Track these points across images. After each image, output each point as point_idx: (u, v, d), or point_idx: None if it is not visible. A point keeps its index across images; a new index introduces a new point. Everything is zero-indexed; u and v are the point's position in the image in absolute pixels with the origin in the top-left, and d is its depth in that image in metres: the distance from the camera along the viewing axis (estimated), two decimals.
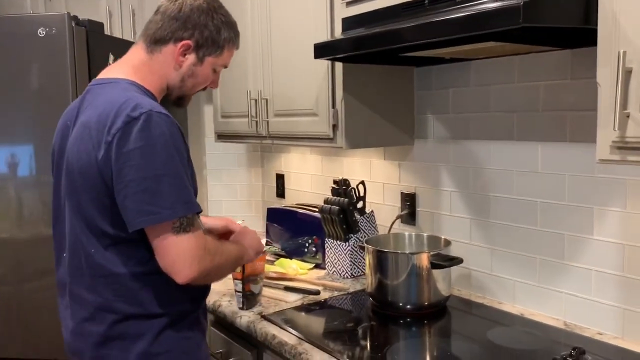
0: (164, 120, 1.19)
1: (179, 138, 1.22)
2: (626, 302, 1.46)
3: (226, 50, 1.41)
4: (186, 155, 1.25)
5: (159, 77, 1.35)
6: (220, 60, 1.41)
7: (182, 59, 1.34)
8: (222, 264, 1.30)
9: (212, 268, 1.24)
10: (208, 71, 1.40)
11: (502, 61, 1.71)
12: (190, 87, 1.40)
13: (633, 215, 1.43)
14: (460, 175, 1.88)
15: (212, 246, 1.26)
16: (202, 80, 1.40)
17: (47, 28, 2.03)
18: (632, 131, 1.06)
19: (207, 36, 1.35)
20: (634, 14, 1.04)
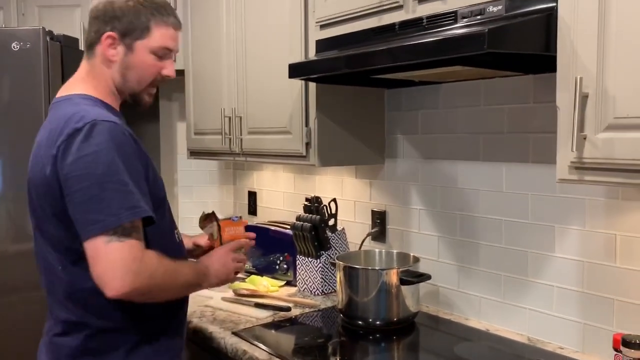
0: (107, 128, 1.17)
1: (126, 144, 1.19)
2: (586, 317, 1.52)
3: (156, 30, 1.32)
4: (139, 161, 1.22)
5: (103, 81, 1.33)
6: (154, 42, 1.32)
7: (113, 53, 1.31)
8: (168, 283, 1.23)
9: (151, 286, 1.18)
10: (144, 57, 1.32)
11: (468, 85, 1.78)
12: (137, 81, 1.34)
13: (591, 234, 1.50)
14: (429, 194, 1.93)
15: (153, 262, 1.19)
16: (144, 69, 1.33)
17: (22, 42, 2.02)
18: (589, 152, 1.13)
19: (127, 22, 1.29)
20: (589, 44, 1.12)
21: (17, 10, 2.67)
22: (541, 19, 1.19)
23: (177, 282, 1.27)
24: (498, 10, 1.27)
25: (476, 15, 1.31)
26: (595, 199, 1.48)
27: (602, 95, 1.10)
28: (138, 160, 1.22)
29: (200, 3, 2.44)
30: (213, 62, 2.36)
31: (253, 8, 2.11)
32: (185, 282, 1.30)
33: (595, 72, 1.11)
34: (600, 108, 1.10)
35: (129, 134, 1.23)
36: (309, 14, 1.84)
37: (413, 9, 1.48)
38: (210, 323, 1.77)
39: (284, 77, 1.82)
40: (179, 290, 1.31)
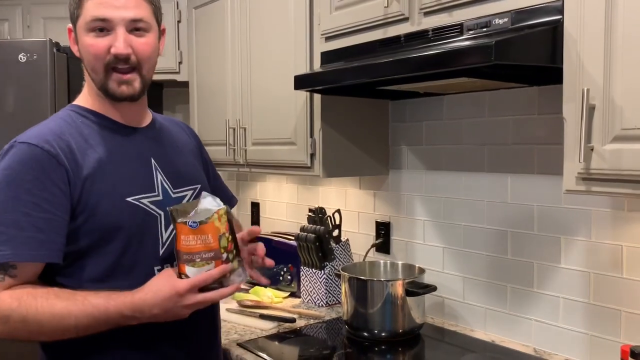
0: (17, 153, 1.08)
1: (29, 169, 1.06)
2: (593, 329, 1.51)
3: (85, 6, 1.14)
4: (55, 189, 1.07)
5: (88, 83, 1.23)
6: (84, 18, 1.15)
7: (75, 48, 1.21)
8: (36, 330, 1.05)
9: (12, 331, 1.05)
10: (83, 39, 1.16)
11: (473, 96, 1.79)
12: (92, 69, 1.17)
13: (598, 245, 1.50)
14: (433, 205, 1.93)
15: (4, 306, 1.04)
16: (88, 52, 1.16)
17: (29, 54, 2.04)
18: (596, 163, 1.13)
19: (71, 10, 1.18)
20: (596, 55, 1.12)
21: (23, 22, 2.69)
22: (547, 31, 1.20)
23: (55, 327, 1.06)
24: (504, 22, 1.28)
25: (482, 27, 1.32)
26: (601, 210, 1.48)
27: (609, 106, 1.11)
28: (48, 190, 1.07)
29: (205, 14, 2.46)
30: (218, 74, 2.37)
31: (258, 19, 2.13)
32: (74, 326, 1.06)
33: (601, 84, 1.12)
34: (607, 119, 1.11)
35: (51, 157, 1.08)
36: (314, 26, 1.86)
37: (419, 21, 1.49)
38: None
39: (288, 89, 1.83)
40: (63, 327, 1.06)
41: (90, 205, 1.11)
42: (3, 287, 1.06)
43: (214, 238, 1.13)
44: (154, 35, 1.21)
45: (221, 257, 1.13)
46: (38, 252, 1.07)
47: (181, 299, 1.08)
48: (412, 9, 1.50)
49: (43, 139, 1.10)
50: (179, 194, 1.26)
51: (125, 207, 1.15)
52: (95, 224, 1.11)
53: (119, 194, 1.15)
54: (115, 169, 1.16)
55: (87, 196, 1.11)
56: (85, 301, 1.06)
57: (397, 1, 1.53)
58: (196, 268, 1.11)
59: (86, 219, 1.11)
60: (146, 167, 1.23)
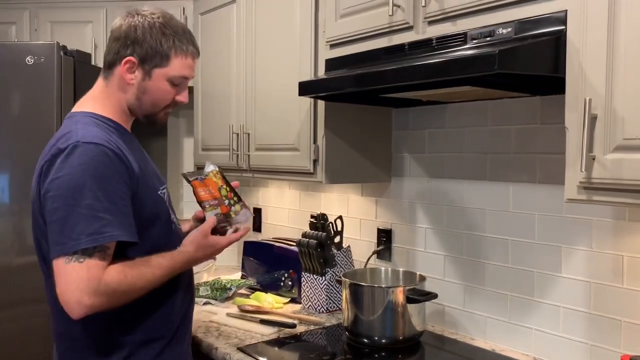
0: (89, 150, 1.20)
1: (106, 166, 1.21)
2: (593, 339, 1.51)
3: (175, 59, 1.34)
4: (124, 183, 1.24)
5: (116, 101, 1.36)
6: (172, 71, 1.34)
7: (130, 77, 1.33)
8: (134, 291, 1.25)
9: (114, 301, 1.22)
10: (161, 85, 1.35)
11: (475, 105, 1.80)
12: (151, 105, 1.37)
13: (598, 254, 1.50)
14: (435, 212, 1.94)
15: (114, 279, 1.20)
16: (159, 95, 1.36)
17: (36, 57, 2.06)
18: (598, 173, 1.14)
19: (147, 48, 1.31)
20: (598, 66, 1.14)
21: (30, 25, 2.71)
22: (550, 41, 1.21)
23: (146, 287, 1.28)
24: (507, 32, 1.30)
25: (486, 37, 1.34)
26: (602, 219, 1.49)
27: (611, 116, 1.12)
28: (121, 182, 1.23)
29: (211, 20, 2.48)
30: (222, 79, 2.39)
31: (264, 26, 2.14)
32: (157, 282, 1.30)
33: (604, 94, 1.13)
34: (609, 129, 1.12)
35: (116, 155, 1.24)
36: (319, 34, 1.88)
37: (423, 30, 1.50)
38: (215, 338, 1.77)
39: (293, 95, 1.85)
40: (151, 286, 1.29)
41: (140, 197, 1.29)
42: (106, 266, 1.20)
43: (214, 189, 1.45)
44: None
45: (224, 203, 1.46)
46: (129, 233, 1.24)
47: (205, 239, 1.39)
48: (417, 18, 1.52)
49: (104, 139, 1.25)
50: (163, 190, 1.44)
51: (159, 199, 1.37)
52: (144, 213, 1.30)
53: (154, 187, 1.36)
54: (144, 167, 1.35)
55: (139, 189, 1.29)
56: (161, 265, 1.30)
57: (401, 10, 1.55)
58: (207, 212, 1.46)
59: (138, 209, 1.28)
60: (152, 165, 1.44)
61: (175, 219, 1.46)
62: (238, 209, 1.48)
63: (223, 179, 1.47)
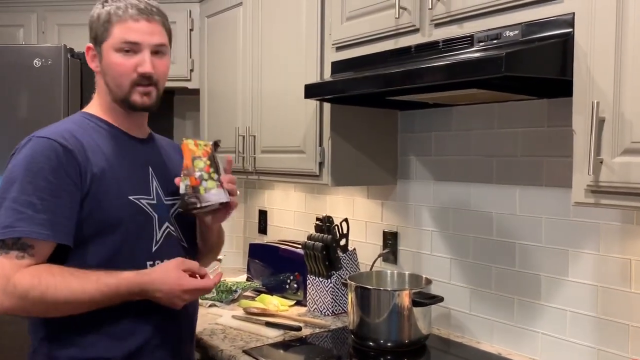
0: (37, 145, 1.20)
1: (45, 159, 1.18)
2: (600, 343, 1.50)
3: (114, 28, 1.28)
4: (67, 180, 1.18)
5: (103, 96, 1.35)
6: (114, 39, 1.28)
7: (95, 65, 1.34)
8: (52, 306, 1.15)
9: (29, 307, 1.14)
10: (112, 58, 1.28)
11: (482, 108, 1.80)
12: (115, 85, 1.30)
13: (606, 258, 1.49)
14: (441, 215, 1.93)
15: (25, 282, 1.13)
16: (115, 71, 1.29)
17: (43, 59, 2.07)
18: (605, 176, 1.13)
19: (94, 29, 1.31)
20: (606, 69, 1.13)
21: (38, 28, 2.73)
22: (557, 44, 1.21)
23: (70, 297, 1.16)
24: (514, 35, 1.29)
25: (492, 39, 1.33)
26: (609, 223, 1.48)
27: (619, 119, 1.11)
28: (62, 179, 1.18)
29: (217, 23, 2.49)
30: (228, 82, 2.39)
31: (270, 29, 2.15)
32: (87, 301, 1.18)
33: (611, 97, 1.12)
34: (617, 132, 1.11)
35: (67, 151, 1.20)
36: (325, 36, 1.88)
37: (429, 32, 1.50)
38: (221, 341, 1.77)
39: (298, 97, 1.85)
40: (80, 302, 1.17)
41: (97, 199, 1.23)
42: (24, 265, 1.15)
43: (187, 157, 1.34)
44: (169, 57, 1.38)
45: (194, 174, 1.32)
46: (52, 233, 1.17)
47: (183, 294, 1.23)
48: (423, 21, 1.52)
49: (60, 135, 1.22)
50: (169, 201, 1.38)
51: (127, 204, 1.28)
52: (100, 216, 1.23)
53: (122, 191, 1.28)
54: (120, 170, 1.29)
55: (95, 190, 1.23)
56: (99, 280, 1.18)
57: (408, 12, 1.55)
58: (181, 183, 1.33)
59: (91, 211, 1.22)
60: (145, 172, 1.36)
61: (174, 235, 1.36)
62: (211, 185, 1.33)
63: (206, 152, 1.36)
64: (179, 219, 1.40)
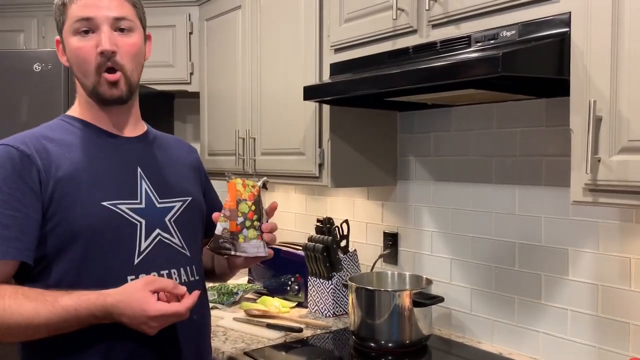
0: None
1: (1, 170, 1.08)
2: (601, 342, 1.50)
3: (69, 10, 1.17)
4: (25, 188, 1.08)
5: (79, 94, 1.23)
6: (69, 22, 1.16)
7: (64, 58, 1.22)
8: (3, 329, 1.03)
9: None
10: (70, 44, 1.17)
11: (481, 108, 1.80)
12: (82, 74, 1.17)
13: (605, 257, 1.49)
14: (441, 216, 1.94)
15: None
16: (76, 56, 1.16)
17: (43, 63, 2.08)
18: (603, 175, 1.14)
19: (55, 19, 1.20)
20: (602, 68, 1.13)
21: (38, 32, 2.73)
22: (554, 43, 1.21)
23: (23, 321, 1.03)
24: (511, 35, 1.30)
25: (489, 39, 1.34)
26: (609, 222, 1.48)
27: (616, 118, 1.12)
28: (15, 188, 1.07)
29: (217, 26, 2.50)
30: (228, 84, 2.40)
31: (269, 31, 2.15)
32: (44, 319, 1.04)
33: (608, 96, 1.12)
34: (614, 131, 1.12)
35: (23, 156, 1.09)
36: (323, 38, 1.88)
37: (427, 33, 1.51)
38: (222, 343, 1.77)
39: (298, 99, 1.85)
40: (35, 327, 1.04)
41: (63, 208, 1.10)
42: None
43: (232, 199, 1.20)
44: (138, 36, 1.21)
45: (236, 220, 1.19)
46: (5, 250, 1.05)
47: (149, 320, 1.05)
48: (421, 22, 1.52)
49: (20, 141, 1.12)
50: (165, 204, 1.23)
51: (100, 211, 1.13)
52: (67, 227, 1.10)
53: (94, 197, 1.13)
54: (94, 174, 1.15)
55: (60, 197, 1.10)
56: (55, 302, 1.04)
57: (405, 14, 1.55)
58: (219, 222, 1.19)
59: (58, 222, 1.09)
60: (131, 174, 1.21)
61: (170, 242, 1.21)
62: (252, 235, 1.20)
63: (253, 195, 1.22)
64: (179, 223, 1.23)
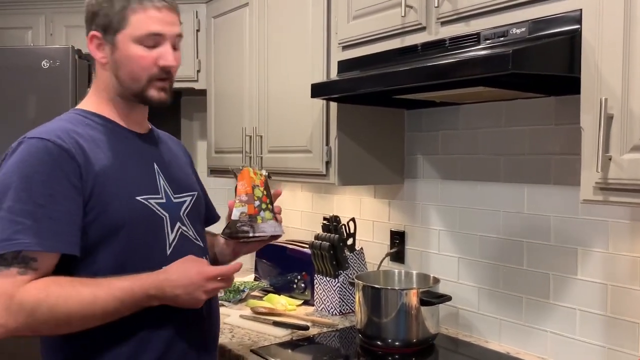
0: (30, 147, 1.10)
1: (43, 164, 1.08)
2: (610, 342, 1.49)
3: (133, 17, 1.18)
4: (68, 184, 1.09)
5: (104, 91, 1.25)
6: (134, 30, 1.18)
7: (101, 55, 1.22)
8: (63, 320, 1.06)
9: (38, 325, 1.04)
10: (130, 50, 1.19)
11: (489, 106, 1.79)
12: (131, 79, 1.21)
13: (615, 256, 1.48)
14: (449, 214, 1.93)
15: (30, 298, 1.03)
16: (133, 63, 1.19)
17: (51, 60, 2.08)
18: (614, 173, 1.12)
19: (103, 16, 1.19)
20: (614, 65, 1.12)
21: (46, 30, 2.74)
22: (565, 40, 1.20)
23: (84, 314, 1.07)
24: (521, 32, 1.29)
25: (499, 37, 1.33)
26: (619, 221, 1.47)
27: (628, 116, 1.10)
28: (60, 182, 1.09)
29: (224, 24, 2.50)
30: (235, 82, 2.40)
31: (276, 29, 2.15)
32: (103, 312, 1.09)
33: (620, 93, 1.11)
34: (626, 129, 1.11)
35: (63, 151, 1.10)
36: (331, 35, 1.88)
37: (436, 30, 1.50)
38: (229, 340, 1.77)
39: (305, 97, 1.85)
40: (95, 320, 1.09)
41: (102, 202, 1.13)
42: (26, 281, 1.05)
43: (248, 184, 1.34)
44: None
45: (253, 203, 1.32)
46: (55, 243, 1.07)
47: (206, 283, 1.14)
48: (429, 19, 1.51)
49: (54, 134, 1.13)
50: (179, 198, 1.29)
51: (135, 205, 1.18)
52: (107, 220, 1.13)
53: (128, 192, 1.17)
54: (123, 169, 1.19)
55: (99, 192, 1.13)
56: (111, 285, 1.09)
57: (414, 11, 1.54)
58: (236, 208, 1.33)
59: (97, 215, 1.13)
60: (151, 170, 1.26)
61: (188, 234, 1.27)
62: (268, 216, 1.34)
63: (262, 182, 1.37)
64: (191, 217, 1.30)
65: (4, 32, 2.76)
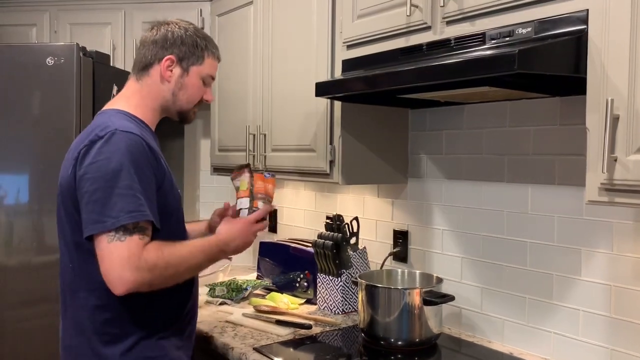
0: (125, 137, 1.30)
1: (140, 153, 1.31)
2: (613, 343, 1.49)
3: (207, 59, 1.50)
4: (153, 171, 1.33)
5: (151, 100, 1.47)
6: (205, 69, 1.50)
7: (169, 74, 1.46)
8: (173, 271, 1.33)
9: (155, 277, 1.28)
10: (196, 81, 1.49)
11: (494, 106, 1.79)
12: (187, 100, 1.50)
13: (619, 257, 1.48)
14: (452, 214, 1.92)
15: (152, 256, 1.27)
16: (193, 91, 1.49)
17: (56, 57, 2.08)
18: (620, 174, 1.12)
19: (185, 49, 1.46)
20: (620, 66, 1.12)
21: (50, 27, 2.75)
22: (571, 41, 1.20)
23: (185, 266, 1.36)
24: (527, 32, 1.28)
25: (505, 37, 1.33)
26: (623, 222, 1.47)
27: (634, 117, 1.10)
28: (150, 170, 1.33)
29: (228, 22, 2.49)
30: (239, 80, 2.40)
31: (280, 27, 2.15)
32: (196, 264, 1.40)
33: (626, 94, 1.11)
34: (632, 130, 1.10)
35: (148, 146, 1.33)
36: (336, 34, 1.87)
37: (441, 30, 1.50)
38: (231, 339, 1.77)
39: (309, 96, 1.85)
40: (190, 272, 1.42)
41: (164, 190, 1.38)
42: (144, 245, 1.28)
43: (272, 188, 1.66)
44: None
45: (271, 201, 1.65)
46: (155, 217, 1.32)
47: (252, 226, 1.53)
48: (435, 18, 1.51)
49: (137, 131, 1.34)
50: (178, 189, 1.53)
51: (178, 196, 1.48)
52: (165, 206, 1.38)
53: (174, 184, 1.45)
54: (165, 165, 1.42)
55: (164, 183, 1.38)
56: (194, 244, 1.42)
57: (419, 10, 1.54)
58: (262, 202, 1.62)
59: (161, 200, 1.36)
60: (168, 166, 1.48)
61: None
62: None
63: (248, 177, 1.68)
64: None
65: (9, 29, 2.77)
